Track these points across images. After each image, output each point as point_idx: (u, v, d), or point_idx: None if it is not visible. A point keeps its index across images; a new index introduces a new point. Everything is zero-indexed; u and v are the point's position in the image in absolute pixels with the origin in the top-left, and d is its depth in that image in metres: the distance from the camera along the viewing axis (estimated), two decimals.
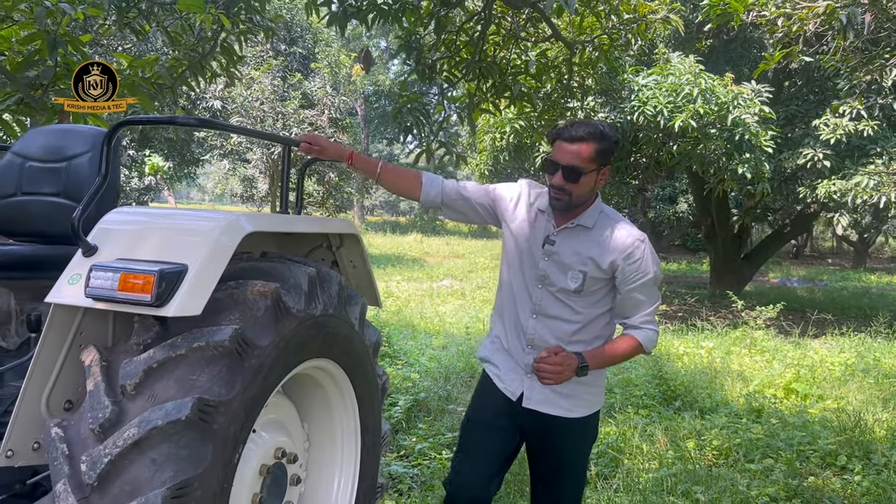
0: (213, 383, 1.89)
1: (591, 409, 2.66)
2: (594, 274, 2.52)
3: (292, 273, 2.27)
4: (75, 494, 1.76)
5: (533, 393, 2.61)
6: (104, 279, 1.85)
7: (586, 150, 2.45)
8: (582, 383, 2.58)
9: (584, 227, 2.56)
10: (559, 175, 2.47)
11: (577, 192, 2.49)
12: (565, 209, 2.54)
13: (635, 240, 2.52)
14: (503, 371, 2.68)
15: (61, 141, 2.58)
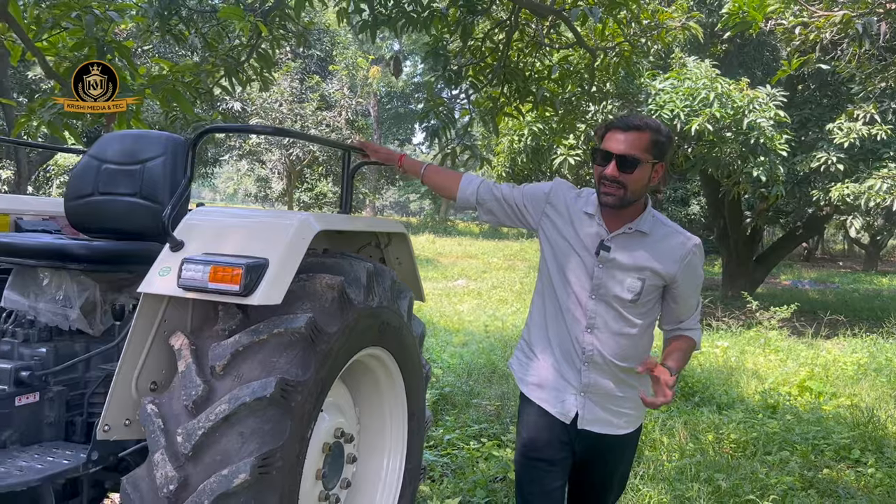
0: (291, 365, 2.10)
1: (636, 425, 2.53)
2: (652, 282, 2.37)
3: (353, 268, 2.47)
4: (172, 463, 1.97)
5: (586, 413, 2.43)
6: (195, 271, 2.07)
7: (643, 138, 2.29)
8: (632, 399, 2.44)
9: (642, 233, 2.38)
10: (612, 165, 2.29)
11: (633, 185, 2.30)
12: (617, 206, 2.34)
13: (693, 245, 2.40)
14: (552, 394, 2.48)
15: (135, 145, 2.79)
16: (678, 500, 3.60)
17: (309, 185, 22.25)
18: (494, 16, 6.63)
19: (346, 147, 2.82)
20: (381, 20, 5.95)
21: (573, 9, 5.61)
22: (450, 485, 4.07)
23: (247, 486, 1.94)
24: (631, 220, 2.39)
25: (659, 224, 2.42)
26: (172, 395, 2.08)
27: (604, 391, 2.43)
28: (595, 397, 2.43)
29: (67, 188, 2.83)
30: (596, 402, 2.43)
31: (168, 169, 2.72)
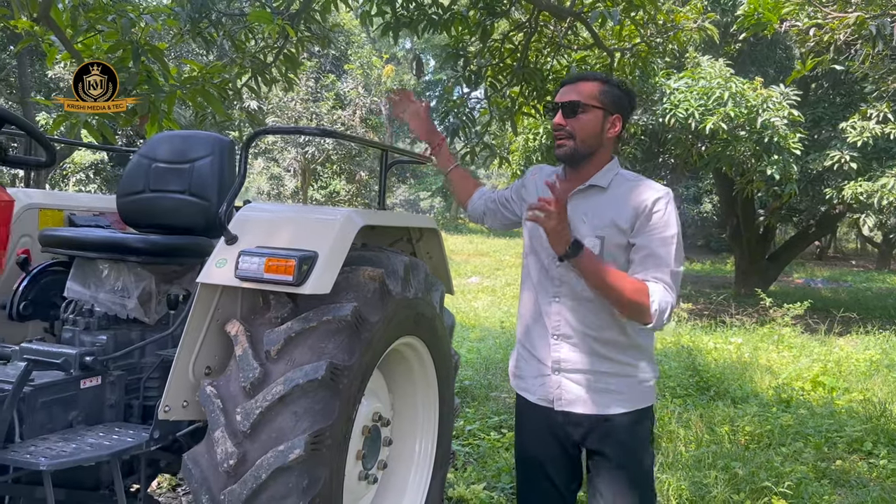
0: (339, 350, 2.26)
1: (635, 405, 2.24)
2: (614, 239, 2.19)
3: (391, 261, 2.63)
4: (231, 440, 2.13)
5: (563, 392, 2.26)
6: (251, 263, 2.22)
7: (588, 87, 2.23)
8: (618, 375, 2.23)
9: (598, 188, 2.25)
10: (558, 113, 2.23)
11: (580, 133, 2.21)
12: (571, 158, 2.25)
13: (657, 192, 2.20)
14: (530, 379, 2.35)
15: (184, 145, 2.96)
16: (696, 486, 3.74)
17: (323, 184, 22.46)
18: (514, 17, 6.77)
19: (385, 147, 2.97)
20: (403, 22, 6.11)
21: (592, 11, 5.75)
22: (474, 472, 4.22)
23: (300, 462, 2.10)
24: (589, 177, 2.27)
25: (623, 179, 2.27)
26: (230, 377, 2.24)
27: (579, 367, 2.24)
28: (571, 374, 2.25)
29: (120, 186, 3.00)
30: (572, 379, 2.25)
31: (215, 168, 2.89)
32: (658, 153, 13.74)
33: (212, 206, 2.85)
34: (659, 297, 2.09)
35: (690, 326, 9.79)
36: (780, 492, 3.62)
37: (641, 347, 2.27)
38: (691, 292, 16.50)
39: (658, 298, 2.09)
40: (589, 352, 2.24)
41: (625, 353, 2.24)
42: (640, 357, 2.26)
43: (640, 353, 2.26)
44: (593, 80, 2.27)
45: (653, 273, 2.13)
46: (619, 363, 2.24)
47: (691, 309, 12.75)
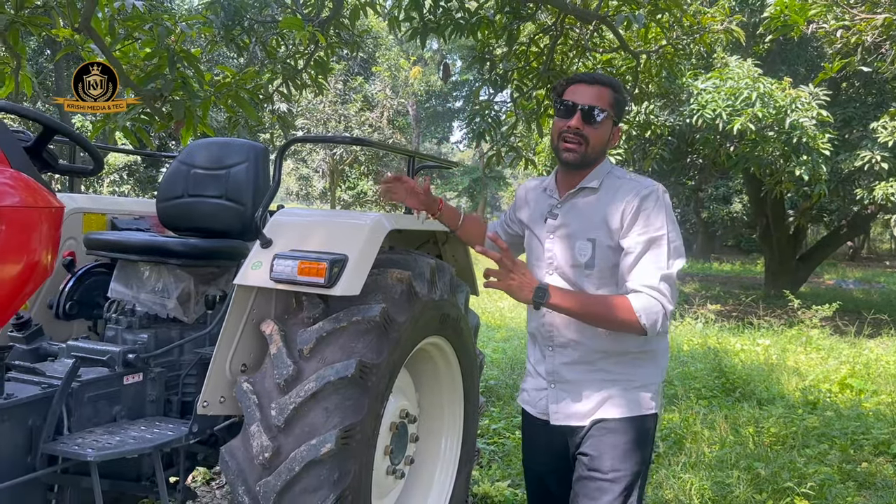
0: (368, 350, 2.36)
1: (632, 411, 2.15)
2: (606, 241, 2.11)
3: (418, 264, 2.72)
4: (266, 434, 2.25)
5: (559, 406, 2.21)
6: (285, 265, 2.33)
7: (606, 93, 2.16)
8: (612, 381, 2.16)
9: (590, 189, 2.20)
10: (577, 117, 2.13)
11: (594, 141, 2.14)
12: (577, 165, 2.17)
13: (646, 188, 2.12)
14: (532, 392, 2.34)
15: (221, 152, 3.09)
16: (718, 486, 3.78)
17: (350, 185, 22.68)
18: (540, 21, 6.84)
19: (412, 153, 3.07)
20: (430, 27, 6.21)
21: (617, 14, 5.79)
22: (499, 470, 4.30)
23: (332, 455, 2.20)
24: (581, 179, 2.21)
25: (613, 178, 2.19)
26: (265, 374, 2.35)
27: (573, 378, 2.19)
28: (565, 386, 2.21)
29: (159, 191, 3.14)
30: (567, 391, 2.20)
31: (251, 174, 3.01)
32: (687, 153, 13.69)
33: (247, 211, 2.97)
34: (644, 308, 2.00)
35: (718, 328, 9.76)
36: (803, 492, 3.65)
37: (639, 353, 2.17)
38: (720, 293, 16.37)
39: (643, 310, 1.99)
40: (583, 362, 2.18)
41: (620, 361, 2.16)
42: (637, 363, 2.18)
43: (638, 359, 2.18)
44: (609, 86, 2.19)
45: (641, 280, 2.03)
46: (614, 371, 2.17)
47: (719, 310, 12.67)
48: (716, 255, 30.01)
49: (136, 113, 5.38)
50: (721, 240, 30.00)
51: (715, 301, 13.41)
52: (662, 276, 2.03)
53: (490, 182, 40.79)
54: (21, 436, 2.22)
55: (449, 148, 50.54)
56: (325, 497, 2.20)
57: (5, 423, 2.17)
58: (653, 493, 3.78)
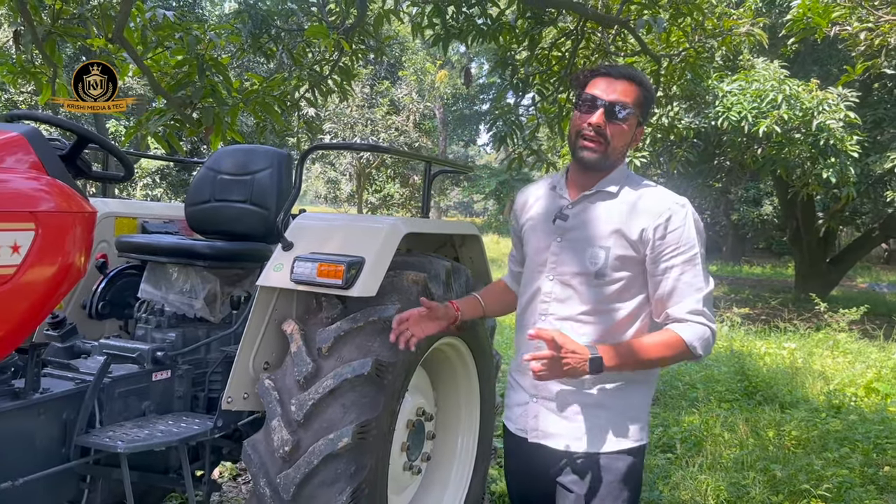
0: (384, 349, 2.45)
1: (621, 444, 1.97)
2: (619, 251, 1.94)
3: (434, 266, 2.81)
4: (286, 428, 2.35)
5: (539, 423, 2.03)
6: (305, 268, 2.44)
7: (633, 90, 1.96)
8: (604, 408, 1.97)
9: (607, 193, 2.00)
10: (600, 113, 1.92)
11: (616, 141, 1.95)
12: (594, 166, 1.97)
13: (673, 203, 1.95)
14: (514, 407, 2.14)
15: (246, 158, 3.21)
16: (734, 486, 3.81)
17: (377, 188, 22.89)
18: (561, 25, 6.89)
19: (428, 158, 3.17)
20: (453, 33, 6.30)
21: (638, 18, 5.83)
22: None
23: (349, 449, 2.30)
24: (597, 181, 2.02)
25: (633, 184, 2.02)
26: (285, 372, 2.45)
27: (559, 396, 1.98)
28: (549, 403, 2.01)
29: (187, 195, 3.27)
30: (550, 408, 2.01)
31: (274, 179, 3.13)
32: (714, 155, 13.60)
33: (270, 215, 3.09)
34: (696, 338, 1.88)
35: (744, 331, 9.70)
36: (820, 494, 3.66)
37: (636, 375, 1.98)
38: (749, 297, 16.24)
39: (696, 340, 1.88)
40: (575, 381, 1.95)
41: (615, 382, 1.97)
42: (633, 386, 1.99)
43: (634, 381, 1.99)
44: (637, 81, 1.98)
45: (685, 307, 1.90)
46: (608, 395, 1.97)
47: (748, 314, 12.57)
48: (746, 257, 29.66)
49: (168, 119, 5.55)
50: (752, 242, 29.63)
51: (743, 304, 13.32)
52: (703, 298, 1.92)
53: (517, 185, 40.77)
54: (56, 428, 2.35)
55: (476, 150, 50.59)
56: (342, 489, 2.29)
57: (41, 417, 2.30)
58: (669, 494, 3.82)
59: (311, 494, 2.29)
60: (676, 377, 6.71)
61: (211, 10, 24.71)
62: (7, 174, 2.04)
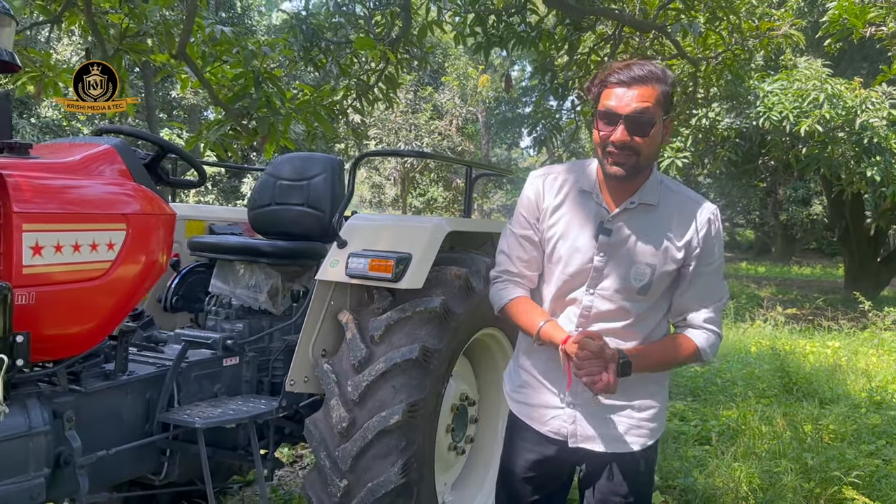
0: (430, 336, 2.69)
1: (652, 438, 2.12)
2: (665, 267, 1.96)
3: (475, 262, 3.04)
4: (344, 407, 2.61)
5: (579, 429, 2.07)
6: (358, 263, 2.70)
7: (651, 92, 1.85)
8: (636, 408, 2.08)
9: (648, 206, 1.97)
10: (621, 129, 1.84)
11: (647, 149, 1.88)
12: (630, 176, 1.91)
13: (711, 213, 1.98)
14: (539, 409, 2.14)
15: (303, 165, 3.50)
16: (766, 474, 3.95)
17: (421, 191, 23.23)
18: (599, 30, 7.08)
19: (469, 163, 3.42)
20: (494, 41, 6.54)
21: (675, 24, 5.98)
22: None
23: (399, 426, 2.55)
24: (635, 190, 1.97)
25: (667, 191, 2.00)
26: (342, 357, 2.72)
27: (595, 401, 2.03)
28: (588, 409, 2.06)
29: (250, 200, 3.57)
30: (589, 414, 2.06)
31: (328, 183, 3.40)
32: (759, 154, 13.54)
33: (325, 216, 3.36)
34: (707, 345, 2.01)
35: (788, 330, 9.69)
36: (851, 482, 3.77)
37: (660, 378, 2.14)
38: (797, 297, 16.04)
39: (707, 347, 2.01)
40: None
41: (644, 385, 2.07)
42: (658, 384, 2.13)
43: (656, 381, 2.12)
44: (653, 81, 1.86)
45: (703, 315, 2.01)
46: (637, 396, 2.07)
47: (794, 314, 12.48)
48: (796, 258, 29.15)
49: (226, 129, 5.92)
50: (801, 243, 29.09)
51: (790, 305, 13.21)
52: (720, 306, 2.04)
53: None
54: (140, 406, 2.65)
55: (518, 153, 50.58)
56: (393, 462, 2.54)
57: (128, 396, 2.60)
58: (704, 481, 3.97)
59: (366, 466, 2.55)
60: (717, 374, 6.81)
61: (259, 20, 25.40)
62: (102, 182, 2.35)
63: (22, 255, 2.02)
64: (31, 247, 2.04)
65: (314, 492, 2.64)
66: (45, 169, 2.21)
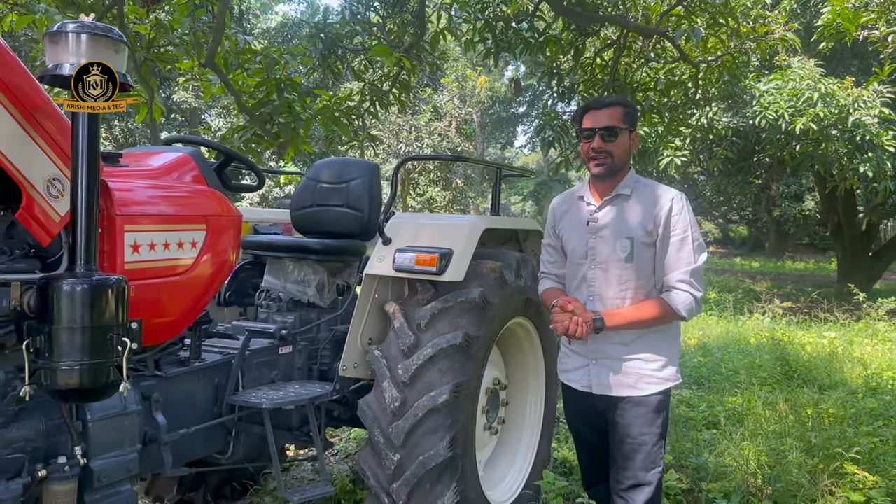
0: (470, 324, 2.97)
1: (659, 387, 2.66)
2: (642, 239, 2.59)
3: (507, 256, 3.32)
4: (395, 388, 2.88)
5: (600, 378, 2.70)
6: (404, 258, 2.97)
7: (616, 112, 2.62)
8: (644, 360, 2.65)
9: (623, 196, 2.65)
10: (598, 138, 2.60)
11: (617, 151, 2.61)
12: (608, 174, 2.65)
13: (672, 195, 2.60)
14: (572, 371, 2.82)
15: (342, 169, 3.76)
16: (773, 452, 4.23)
17: (420, 192, 23.50)
18: (604, 35, 7.36)
19: (498, 165, 3.70)
20: (502, 47, 6.82)
21: (676, 29, 6.27)
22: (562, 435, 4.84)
23: (446, 405, 2.82)
24: (614, 187, 2.68)
25: (642, 185, 2.68)
26: (390, 343, 2.99)
27: (611, 356, 2.67)
28: (605, 362, 2.69)
29: (292, 202, 3.84)
30: (606, 366, 2.68)
31: (366, 186, 3.67)
32: (754, 152, 13.85)
33: (364, 216, 3.63)
34: (680, 303, 2.54)
35: (784, 323, 10.00)
36: (852, 457, 4.06)
37: (663, 332, 2.67)
38: (792, 291, 16.39)
39: (680, 304, 2.54)
40: (618, 342, 2.66)
41: (649, 341, 2.65)
42: (663, 340, 2.67)
43: (663, 336, 2.67)
44: (618, 104, 2.66)
45: (675, 276, 2.56)
46: (646, 350, 2.65)
47: (790, 307, 12.80)
48: (790, 253, 29.53)
49: (249, 134, 6.17)
50: (794, 238, 29.46)
51: (786, 298, 13.54)
52: (691, 270, 2.56)
53: (555, 185, 41.01)
54: (210, 390, 2.92)
55: (513, 153, 50.88)
56: (442, 437, 2.81)
57: (201, 381, 2.87)
58: (714, 460, 4.26)
59: (416, 441, 2.82)
60: (720, 364, 7.11)
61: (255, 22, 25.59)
62: (184, 186, 2.61)
63: (123, 252, 2.28)
64: (131, 245, 2.30)
65: (368, 466, 2.91)
66: (137, 176, 2.48)
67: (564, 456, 4.43)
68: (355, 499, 3.88)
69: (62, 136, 2.02)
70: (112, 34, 1.90)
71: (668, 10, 6.27)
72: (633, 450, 2.70)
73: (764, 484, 3.91)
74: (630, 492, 2.73)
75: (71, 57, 1.87)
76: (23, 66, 1.94)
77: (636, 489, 2.71)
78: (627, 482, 2.73)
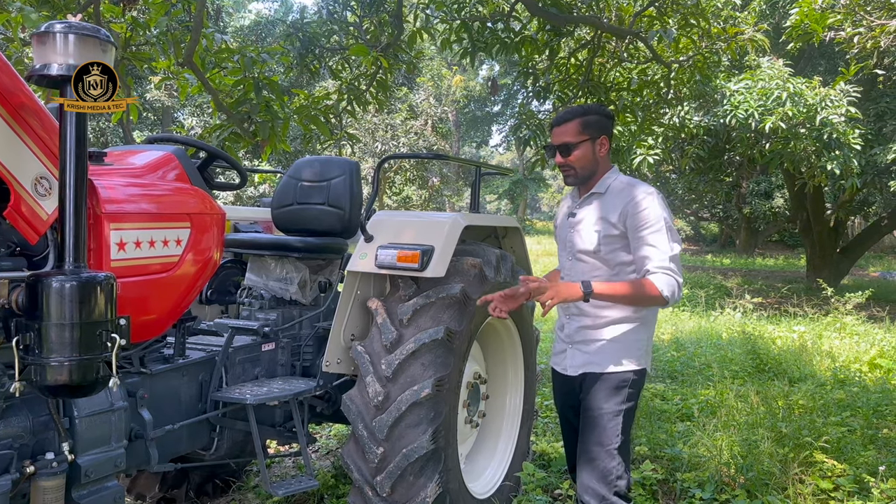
0: (452, 319, 3.02)
1: (621, 367, 2.77)
2: (607, 232, 2.74)
3: (486, 253, 3.38)
4: (378, 383, 2.93)
5: (574, 360, 2.88)
6: (386, 255, 3.02)
7: (572, 126, 2.76)
8: (612, 342, 2.79)
9: (598, 194, 2.83)
10: (558, 154, 2.81)
11: (578, 164, 2.79)
12: (579, 182, 2.86)
13: (642, 191, 2.71)
14: (557, 354, 3.02)
15: (323, 167, 3.80)
16: (745, 442, 4.35)
17: (396, 191, 23.53)
18: (578, 35, 7.46)
19: (477, 164, 3.75)
20: (479, 47, 6.88)
21: (650, 31, 6.38)
22: (552, 435, 4.93)
23: (428, 399, 2.87)
24: (591, 188, 2.86)
25: (618, 183, 2.81)
26: (373, 339, 3.03)
27: (583, 337, 2.85)
28: (580, 346, 2.87)
29: (273, 200, 3.86)
30: (580, 350, 2.86)
31: (347, 184, 3.71)
32: (724, 150, 14.08)
33: (345, 214, 3.67)
34: (664, 284, 2.59)
35: (756, 318, 10.19)
36: (821, 446, 4.18)
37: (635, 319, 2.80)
38: (762, 287, 16.69)
39: (664, 286, 2.59)
40: (591, 326, 2.83)
41: (622, 328, 2.80)
42: (631, 328, 2.80)
43: (634, 325, 2.80)
44: (573, 118, 2.79)
45: (655, 263, 2.62)
46: (616, 335, 2.80)
47: (760, 302, 13.04)
48: (760, 250, 30.01)
49: (227, 133, 6.16)
50: (764, 235, 29.97)
51: (756, 294, 13.79)
52: (670, 257, 2.64)
53: (530, 184, 41.27)
54: (195, 387, 2.94)
55: (488, 151, 51.10)
56: (424, 430, 2.87)
57: (185, 378, 2.89)
58: (688, 450, 4.36)
59: (400, 434, 2.87)
60: (692, 358, 7.25)
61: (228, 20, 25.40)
62: (168, 185, 2.64)
63: (110, 250, 2.30)
64: (117, 243, 2.32)
65: (352, 460, 2.96)
66: (121, 174, 2.50)
67: (543, 448, 4.51)
68: (338, 493, 3.92)
69: (49, 135, 2.04)
70: (100, 34, 1.93)
71: (641, 11, 6.38)
72: (588, 424, 2.81)
73: (737, 473, 4.01)
74: (583, 466, 2.80)
75: (59, 57, 1.89)
76: (8, 64, 1.95)
77: (589, 464, 2.78)
78: (582, 457, 2.81)
